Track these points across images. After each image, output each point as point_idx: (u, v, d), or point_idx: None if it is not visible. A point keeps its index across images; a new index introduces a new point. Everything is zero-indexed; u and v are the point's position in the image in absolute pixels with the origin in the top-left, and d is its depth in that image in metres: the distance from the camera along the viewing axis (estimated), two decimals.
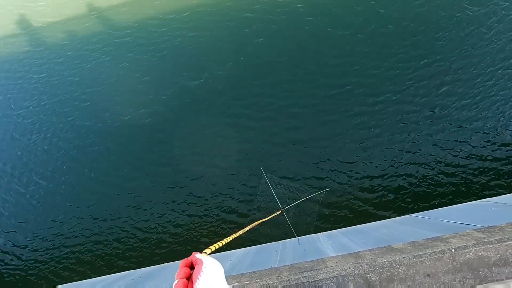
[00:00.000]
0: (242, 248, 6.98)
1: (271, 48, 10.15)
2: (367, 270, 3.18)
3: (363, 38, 9.61)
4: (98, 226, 8.64)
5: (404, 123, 8.16)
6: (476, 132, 7.71)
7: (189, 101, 9.78)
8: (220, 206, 8.09)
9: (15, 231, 9.14)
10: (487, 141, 7.54)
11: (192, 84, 10.04)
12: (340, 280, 3.18)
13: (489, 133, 7.68)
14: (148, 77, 10.57)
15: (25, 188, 9.71)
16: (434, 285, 3.05)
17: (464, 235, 3.40)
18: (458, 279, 3.03)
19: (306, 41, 10.06)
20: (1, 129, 11.10)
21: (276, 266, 3.95)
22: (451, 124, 7.95)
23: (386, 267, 3.14)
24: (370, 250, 3.64)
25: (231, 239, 2.75)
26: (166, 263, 6.93)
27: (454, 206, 6.14)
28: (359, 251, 3.70)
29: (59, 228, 8.87)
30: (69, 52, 12.07)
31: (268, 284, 3.33)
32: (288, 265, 3.85)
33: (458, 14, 9.27)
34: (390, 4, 9.99)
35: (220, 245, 2.41)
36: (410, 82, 8.67)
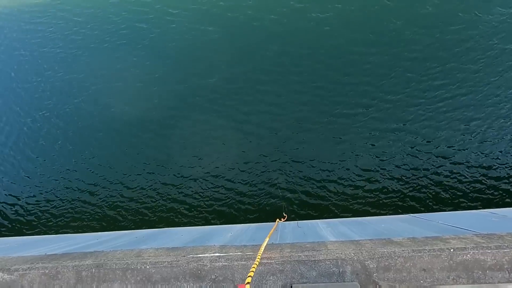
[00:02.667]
0: (241, 224, 7.23)
1: (286, 56, 9.60)
2: (366, 257, 3.33)
3: (386, 59, 8.94)
4: (91, 211, 8.56)
5: (415, 156, 7.59)
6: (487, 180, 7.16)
7: (198, 100, 9.46)
8: (214, 210, 7.91)
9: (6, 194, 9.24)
10: (499, 189, 7.04)
11: (203, 82, 9.66)
12: (339, 263, 3.34)
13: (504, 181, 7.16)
14: (161, 68, 10.19)
15: (19, 162, 9.65)
16: (428, 279, 3.20)
17: (464, 238, 3.52)
18: (452, 277, 3.18)
19: (324, 53, 9.42)
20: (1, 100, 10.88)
21: (277, 242, 4.13)
22: (468, 169, 7.26)
23: (384, 257, 3.29)
24: (370, 240, 3.79)
25: (260, 253, 3.00)
26: (167, 228, 7.21)
27: (454, 212, 6.26)
28: (359, 240, 3.85)
29: (53, 204, 8.92)
30: (82, 30, 11.64)
31: (270, 257, 3.50)
32: (289, 243, 4.02)
33: (496, 45, 8.54)
34: (421, 27, 9.21)
35: (256, 265, 2.66)
36: (431, 113, 8.03)
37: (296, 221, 6.50)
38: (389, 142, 7.95)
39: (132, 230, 7.43)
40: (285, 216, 6.66)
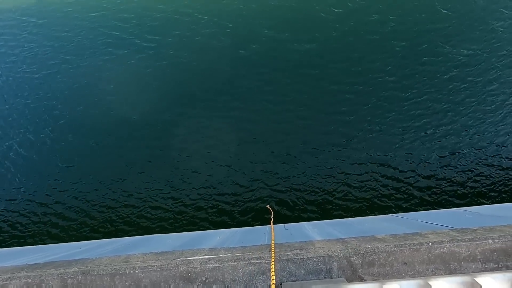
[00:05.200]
0: (229, 229, 7.25)
1: (268, 85, 9.65)
2: (352, 253, 3.47)
3: (367, 90, 9.16)
4: (80, 220, 8.19)
5: (397, 188, 7.71)
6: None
7: (176, 129, 9.24)
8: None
9: None
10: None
11: (183, 110, 9.54)
12: (327, 260, 3.47)
13: None
14: (140, 94, 9.96)
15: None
16: (409, 273, 3.39)
17: (441, 233, 3.75)
18: (431, 269, 3.38)
19: (305, 84, 9.52)
20: None
21: (265, 243, 4.21)
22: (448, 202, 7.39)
23: (369, 252, 3.45)
24: (355, 237, 3.95)
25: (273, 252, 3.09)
26: (153, 234, 7.11)
27: (432, 210, 6.58)
28: (345, 238, 4.00)
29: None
30: (58, 54, 11.09)
31: (259, 257, 3.57)
32: (278, 243, 4.11)
33: (471, 79, 8.98)
34: (400, 59, 9.59)
35: (273, 268, 2.74)
36: (412, 144, 8.21)
37: (283, 224, 6.60)
38: (369, 173, 8.07)
39: (117, 238, 7.26)
40: (270, 212, 6.73)
